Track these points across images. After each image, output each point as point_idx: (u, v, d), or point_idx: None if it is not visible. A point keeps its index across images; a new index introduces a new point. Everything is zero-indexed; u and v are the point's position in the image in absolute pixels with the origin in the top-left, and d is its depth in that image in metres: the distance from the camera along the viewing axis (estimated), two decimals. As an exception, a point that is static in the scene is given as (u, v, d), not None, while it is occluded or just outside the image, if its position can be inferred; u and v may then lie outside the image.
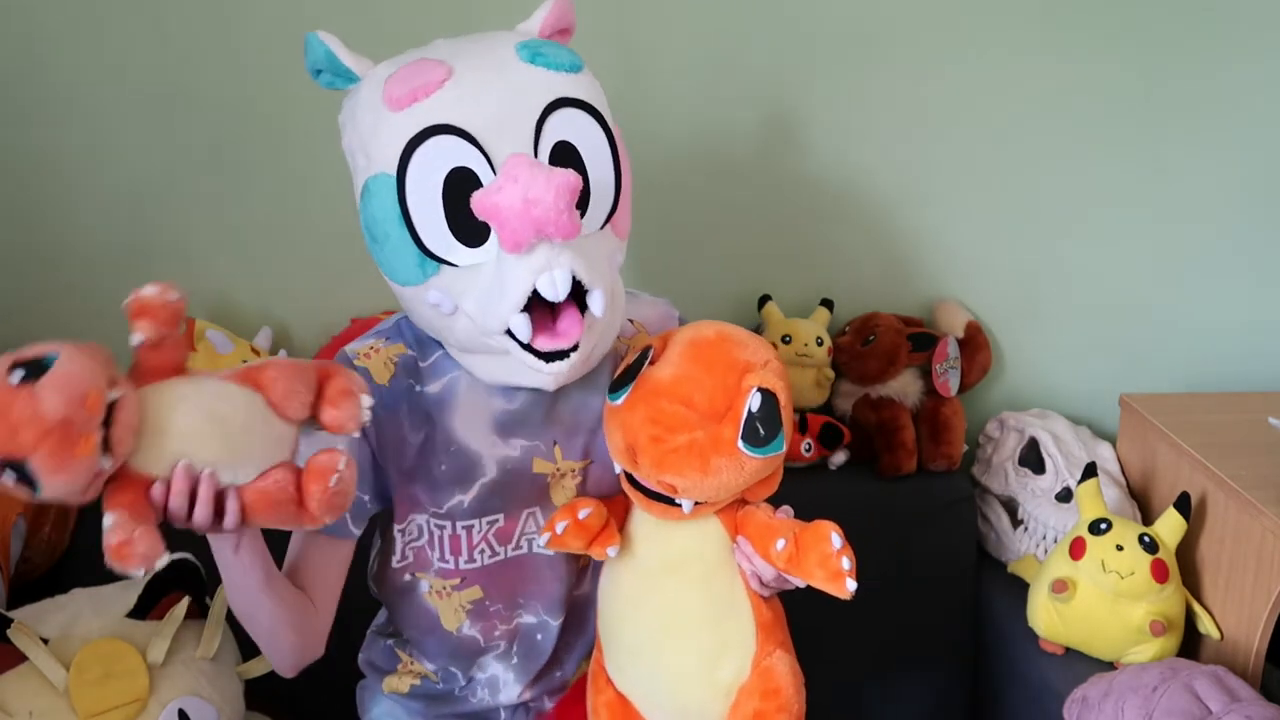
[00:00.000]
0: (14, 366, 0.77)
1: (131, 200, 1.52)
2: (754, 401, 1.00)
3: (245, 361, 1.46)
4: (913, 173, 1.62)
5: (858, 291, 1.67)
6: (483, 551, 1.12)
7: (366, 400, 0.91)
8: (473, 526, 1.11)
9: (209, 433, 0.85)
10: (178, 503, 0.84)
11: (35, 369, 0.76)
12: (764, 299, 1.63)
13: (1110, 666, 1.36)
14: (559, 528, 1.07)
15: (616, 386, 1.05)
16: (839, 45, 1.55)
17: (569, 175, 0.88)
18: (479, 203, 0.89)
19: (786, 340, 1.56)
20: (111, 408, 0.79)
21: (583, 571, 1.19)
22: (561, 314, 0.96)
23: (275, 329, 1.57)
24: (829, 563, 0.99)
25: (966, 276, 1.68)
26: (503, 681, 1.19)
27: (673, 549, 1.09)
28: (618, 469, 1.08)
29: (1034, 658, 1.43)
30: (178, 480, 0.84)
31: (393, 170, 0.94)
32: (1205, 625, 1.35)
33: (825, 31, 1.54)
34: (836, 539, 1.00)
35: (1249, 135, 1.64)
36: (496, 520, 1.12)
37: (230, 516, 0.87)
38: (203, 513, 0.85)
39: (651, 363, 1.05)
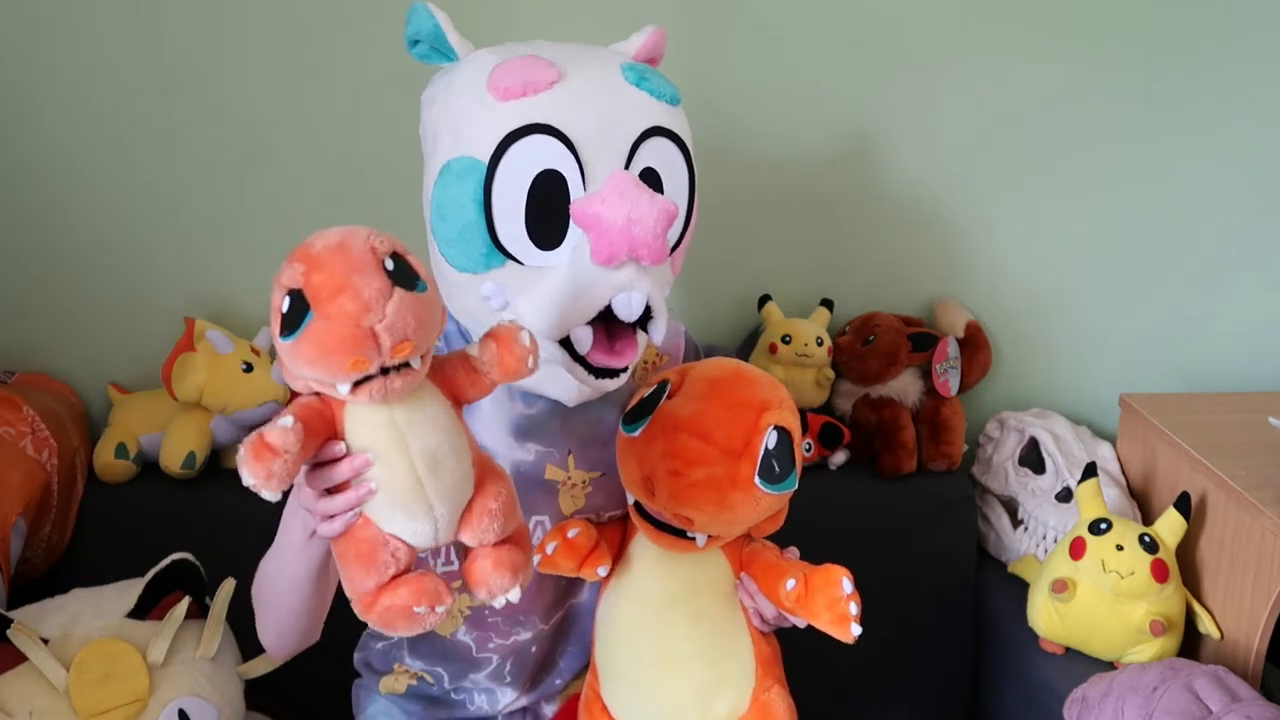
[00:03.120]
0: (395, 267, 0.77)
1: (131, 200, 1.52)
2: (771, 440, 1.00)
3: (246, 363, 1.47)
4: (913, 173, 1.62)
5: (858, 291, 1.67)
6: None
7: (496, 527, 0.86)
8: None
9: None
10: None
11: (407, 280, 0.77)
12: (764, 299, 1.63)
13: (1110, 666, 1.36)
14: (549, 548, 1.08)
15: (633, 419, 1.04)
16: (839, 48, 1.55)
17: (669, 204, 0.90)
18: (580, 210, 0.90)
19: (786, 340, 1.56)
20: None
21: (576, 579, 1.19)
22: (620, 334, 0.97)
23: (275, 329, 1.57)
24: (837, 606, 1.01)
25: (966, 276, 1.68)
26: (500, 692, 1.20)
27: (677, 581, 1.09)
28: (630, 499, 1.07)
29: (1034, 658, 1.43)
30: None
31: (484, 157, 0.93)
32: (1205, 625, 1.35)
33: (825, 34, 1.54)
34: (847, 584, 1.02)
35: (1249, 136, 1.64)
36: None
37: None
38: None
39: (669, 397, 1.04)
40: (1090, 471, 1.41)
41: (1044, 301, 1.70)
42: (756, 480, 0.99)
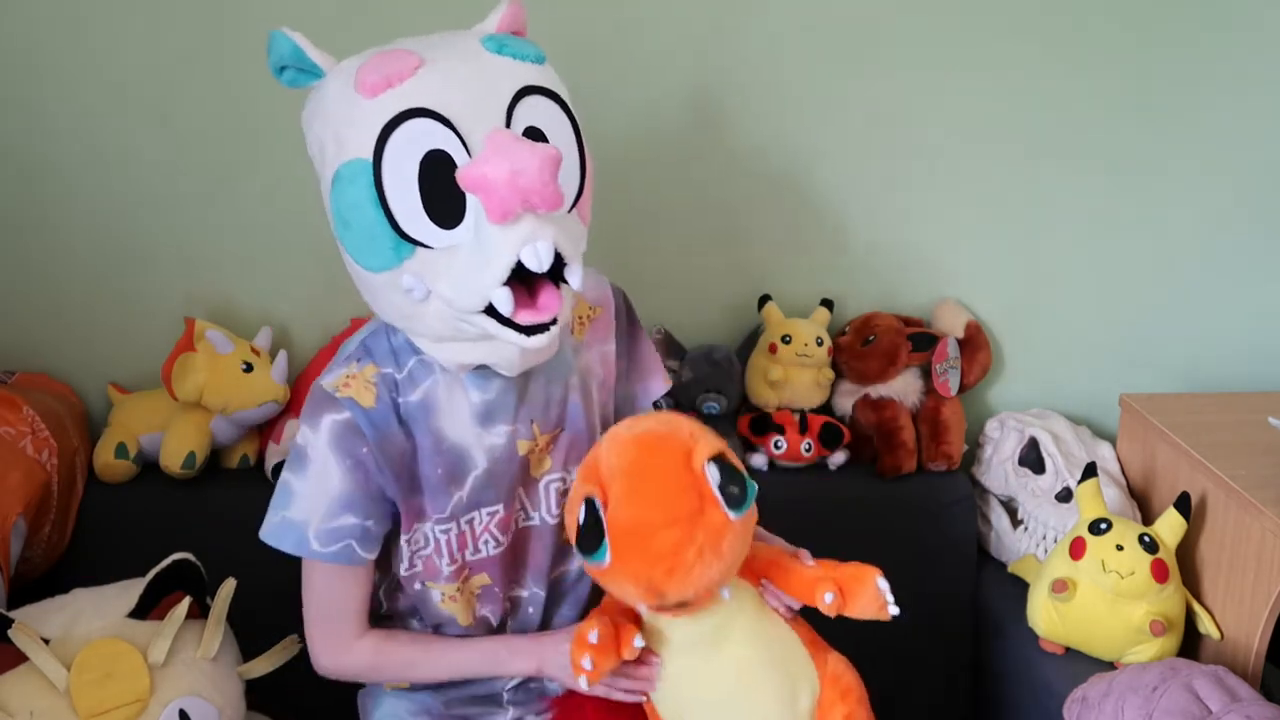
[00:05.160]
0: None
1: (131, 201, 1.52)
2: (713, 474, 0.99)
3: (246, 363, 1.47)
4: (913, 173, 1.62)
5: (858, 291, 1.67)
6: (487, 542, 1.15)
7: None
8: (474, 519, 1.13)
9: None
10: None
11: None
12: (764, 299, 1.63)
13: (1110, 666, 1.37)
14: (586, 663, 1.04)
15: (590, 547, 1.01)
16: (838, 46, 1.55)
17: (551, 149, 0.91)
18: (466, 175, 0.92)
19: (786, 340, 1.56)
20: None
21: (565, 546, 1.20)
22: (540, 289, 0.99)
23: (275, 329, 1.57)
24: (876, 605, 1.08)
25: (966, 276, 1.68)
26: None
27: (712, 621, 1.09)
28: (644, 611, 1.09)
29: (1034, 658, 1.43)
30: None
31: (368, 154, 0.95)
32: (1205, 625, 1.35)
33: (824, 33, 1.54)
34: (883, 585, 1.07)
35: (1248, 134, 1.64)
36: (496, 511, 1.14)
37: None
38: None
39: (605, 507, 1.01)
40: (1090, 471, 1.41)
41: (1044, 301, 1.69)
42: (730, 515, 0.99)
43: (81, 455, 1.48)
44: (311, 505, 1.06)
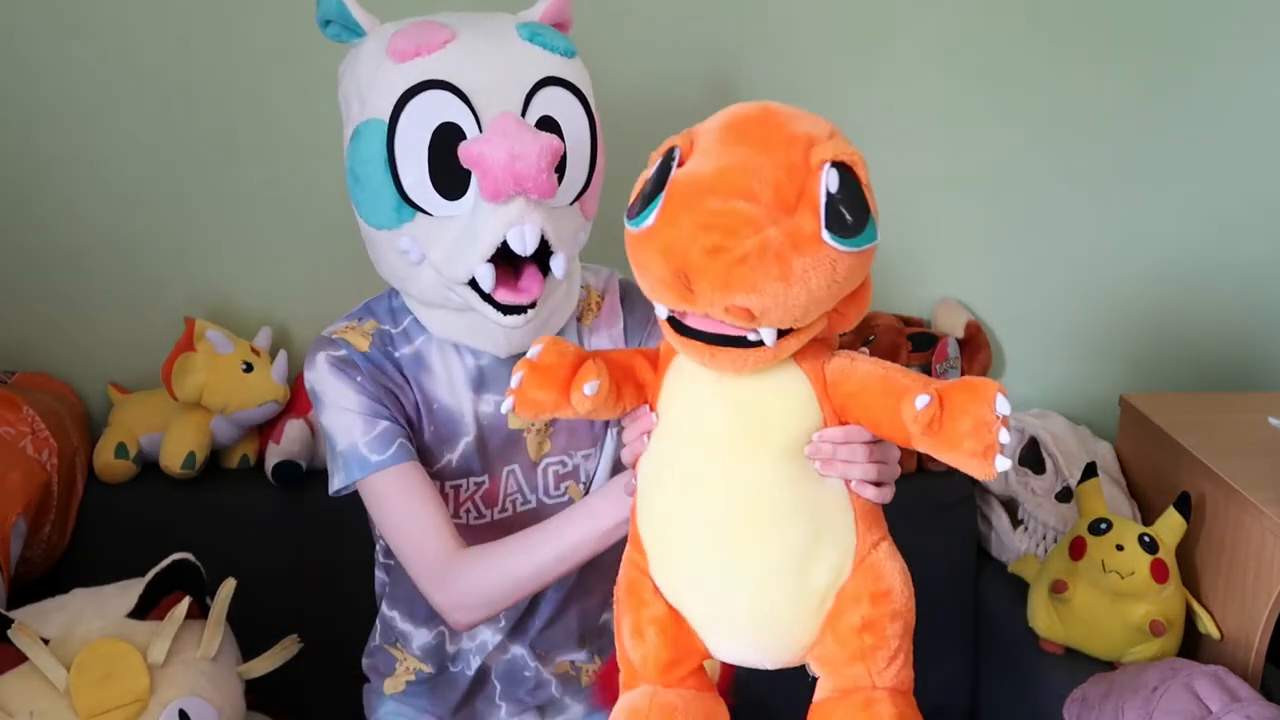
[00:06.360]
0: None
1: (131, 200, 1.52)
2: (830, 180, 0.78)
3: (246, 363, 1.47)
4: (912, 173, 1.62)
5: (858, 291, 1.67)
6: (469, 511, 1.15)
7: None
8: (460, 486, 1.14)
9: None
10: None
11: None
12: (764, 299, 1.63)
13: (1110, 666, 1.37)
14: (515, 380, 0.84)
15: (639, 209, 0.78)
16: (837, 46, 1.55)
17: (553, 139, 0.95)
18: (466, 151, 0.95)
19: (787, 340, 1.56)
20: None
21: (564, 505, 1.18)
22: (524, 272, 1.01)
23: (275, 329, 1.57)
24: (985, 432, 0.76)
25: (966, 276, 1.68)
26: (492, 642, 1.21)
27: (743, 411, 0.82)
28: (662, 313, 0.80)
29: (1034, 658, 1.43)
30: None
31: (385, 116, 0.98)
32: (1205, 625, 1.35)
33: (823, 32, 1.54)
34: (1003, 403, 0.76)
35: (1248, 135, 1.64)
36: (482, 482, 1.15)
37: None
38: None
39: (680, 164, 0.78)
40: (1090, 471, 1.41)
41: (1044, 301, 1.70)
42: (825, 235, 0.76)
43: (81, 455, 1.48)
44: (347, 428, 1.07)
